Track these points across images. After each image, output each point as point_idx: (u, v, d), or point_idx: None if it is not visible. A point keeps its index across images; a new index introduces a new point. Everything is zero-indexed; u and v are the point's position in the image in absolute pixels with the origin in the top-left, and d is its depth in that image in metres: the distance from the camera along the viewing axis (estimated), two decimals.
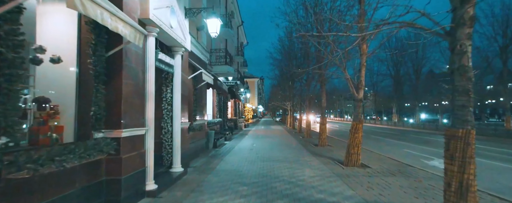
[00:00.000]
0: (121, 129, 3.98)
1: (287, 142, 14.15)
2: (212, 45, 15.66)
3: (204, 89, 11.11)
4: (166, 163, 6.47)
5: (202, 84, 9.66)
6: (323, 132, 12.36)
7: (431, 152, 11.65)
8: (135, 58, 4.57)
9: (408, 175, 6.73)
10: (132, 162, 4.29)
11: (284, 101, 31.62)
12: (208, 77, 8.74)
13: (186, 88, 7.52)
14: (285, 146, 12.41)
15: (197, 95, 9.60)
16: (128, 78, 4.26)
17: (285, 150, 11.19)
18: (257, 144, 13.20)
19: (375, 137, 19.72)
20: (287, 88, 27.13)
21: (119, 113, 4.00)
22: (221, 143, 13.02)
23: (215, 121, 14.17)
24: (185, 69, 7.47)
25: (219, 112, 16.85)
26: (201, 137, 10.03)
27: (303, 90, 19.14)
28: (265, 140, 15.15)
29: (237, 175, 6.61)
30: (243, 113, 36.22)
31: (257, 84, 69.11)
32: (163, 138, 6.45)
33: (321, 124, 12.45)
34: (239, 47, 27.52)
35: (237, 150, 11.08)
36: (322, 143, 12.28)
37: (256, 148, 11.85)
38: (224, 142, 13.73)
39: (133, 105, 4.42)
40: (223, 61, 15.11)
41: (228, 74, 15.64)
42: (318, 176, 6.52)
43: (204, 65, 10.92)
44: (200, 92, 10.20)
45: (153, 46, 5.12)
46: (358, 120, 7.78)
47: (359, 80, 7.82)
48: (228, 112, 21.62)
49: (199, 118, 10.02)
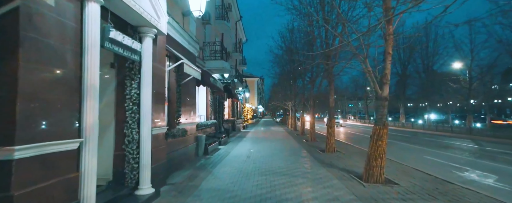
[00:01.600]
0: (13, 146, 2.32)
1: (289, 147, 12.49)
2: (206, 38, 14.01)
3: (193, 86, 9.45)
4: (129, 182, 4.79)
5: (188, 79, 8.00)
6: (331, 136, 10.70)
7: (459, 161, 9.97)
8: (57, 30, 2.91)
9: (454, 197, 5.06)
10: (42, 198, 2.63)
11: (285, 100, 29.94)
12: (193, 69, 7.08)
13: (162, 83, 5.86)
14: (288, 153, 10.74)
15: (182, 93, 7.94)
16: (37, 60, 2.61)
17: (288, 157, 9.53)
18: (255, 150, 11.54)
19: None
20: (288, 87, 25.46)
21: (11, 118, 2.34)
22: (214, 148, 11.37)
23: (208, 123, 12.51)
24: (161, 59, 5.81)
25: (214, 113, 15.20)
26: (187, 143, 8.37)
27: (307, 89, 17.47)
28: (264, 144, 13.49)
29: (227, 198, 4.95)
30: (242, 114, 34.56)
31: (257, 83, 67.49)
32: (126, 149, 4.77)
33: (329, 127, 10.79)
34: (237, 44, 25.87)
35: (232, 158, 9.42)
36: (330, 149, 10.62)
37: (254, 155, 10.19)
38: (218, 147, 12.08)
39: (50, 104, 2.77)
40: (218, 56, 13.45)
41: (223, 70, 13.99)
42: (336, 200, 4.86)
43: (192, 58, 9.25)
44: (186, 89, 8.54)
45: (97, 17, 3.46)
46: (382, 123, 6.11)
47: (383, 73, 6.16)
48: (225, 112, 19.97)
49: (185, 120, 8.37)
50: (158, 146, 5.52)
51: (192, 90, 9.34)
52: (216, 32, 16.61)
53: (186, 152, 8.28)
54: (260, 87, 73.46)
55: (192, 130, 9.14)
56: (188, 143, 8.54)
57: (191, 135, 8.90)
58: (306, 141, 15.04)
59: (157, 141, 5.43)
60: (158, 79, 5.60)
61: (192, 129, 9.15)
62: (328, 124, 10.80)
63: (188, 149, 8.44)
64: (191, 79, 8.81)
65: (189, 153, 8.61)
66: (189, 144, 8.65)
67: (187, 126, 8.42)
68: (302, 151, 11.24)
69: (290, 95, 25.39)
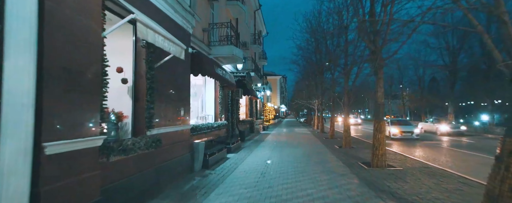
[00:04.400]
0: None
1: (319, 157, 9.48)
2: (213, 18, 11.35)
3: (183, 74, 6.77)
4: None
5: (168, 60, 5.28)
6: (380, 146, 7.57)
7: None
8: None
9: None
10: None
11: (310, 99, 26.73)
12: (166, 40, 4.33)
13: (85, 53, 3.18)
14: (320, 167, 7.77)
15: (160, 82, 5.27)
16: None
17: (321, 176, 6.58)
18: (274, 161, 8.68)
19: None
20: (314, 83, 22.30)
21: None
22: (220, 158, 8.66)
23: (214, 125, 9.83)
24: (88, 9, 3.14)
25: (225, 112, 12.55)
26: (169, 156, 5.67)
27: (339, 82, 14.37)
28: (286, 152, 10.58)
29: None
30: (263, 113, 31.74)
31: (280, 82, 64.40)
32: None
33: (378, 132, 7.68)
34: (256, 35, 23.11)
35: (239, 176, 6.64)
36: (378, 162, 7.52)
37: (271, 170, 7.35)
38: (225, 156, 9.35)
39: None
40: (226, 40, 10.72)
41: (234, 59, 11.24)
42: None
43: (182, 35, 6.55)
44: (170, 77, 5.87)
45: None
46: None
47: None
48: (241, 112, 17.26)
49: (169, 122, 5.71)
50: (68, 176, 2.83)
51: (182, 80, 6.65)
52: (228, 15, 13.92)
53: (169, 169, 5.60)
54: (282, 85, 70.28)
55: (183, 136, 6.46)
56: (173, 155, 5.85)
57: (179, 144, 6.21)
58: (339, 148, 11.94)
59: (63, 166, 2.75)
60: (72, 40, 2.92)
61: (183, 135, 6.47)
62: (377, 128, 7.68)
63: (172, 165, 5.75)
64: (179, 64, 6.13)
65: (175, 169, 5.92)
66: (175, 156, 5.96)
67: (171, 131, 5.74)
68: (338, 163, 8.21)
69: (316, 92, 22.21)
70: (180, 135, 6.29)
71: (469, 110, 38.38)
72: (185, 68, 6.76)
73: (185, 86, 6.86)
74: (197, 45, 9.05)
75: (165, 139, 5.38)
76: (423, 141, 15.47)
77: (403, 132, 16.02)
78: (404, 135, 15.98)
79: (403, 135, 15.99)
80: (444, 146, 13.73)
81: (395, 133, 16.09)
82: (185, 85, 6.86)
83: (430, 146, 13.43)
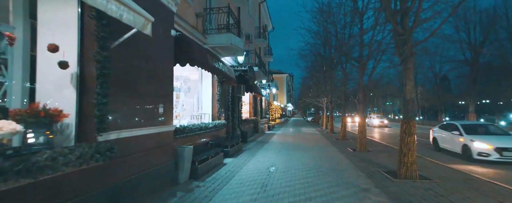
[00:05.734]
0: None
1: (332, 163, 8.03)
2: (210, 3, 9.97)
3: (164, 62, 5.40)
4: None
5: (130, 35, 3.90)
6: (410, 152, 6.09)
7: None
8: None
9: None
10: None
11: (319, 96, 25.15)
12: (124, 8, 2.98)
13: None
14: (334, 177, 6.33)
15: (122, 67, 3.92)
16: None
17: (339, 191, 5.14)
18: (279, 167, 7.28)
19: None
20: (323, 79, 20.76)
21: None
22: (216, 164, 7.31)
23: (208, 125, 8.47)
24: None
25: (225, 111, 11.21)
26: (139, 167, 4.32)
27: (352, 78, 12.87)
28: (293, 157, 9.16)
29: None
30: (269, 112, 30.30)
31: (286, 80, 62.71)
32: None
33: (405, 133, 6.19)
34: (261, 28, 21.67)
35: (235, 189, 5.26)
36: (407, 172, 6.05)
37: (274, 180, 5.94)
38: (222, 162, 8.00)
39: None
40: (226, 28, 9.32)
41: (233, 49, 9.82)
42: None
43: (160, 12, 5.18)
44: (139, 61, 4.51)
45: None
46: None
47: None
48: (244, 110, 15.89)
49: (135, 123, 4.37)
50: None
51: (162, 70, 5.29)
52: (230, 4, 12.51)
53: (139, 186, 4.24)
54: (289, 84, 68.59)
55: (162, 141, 5.11)
56: (145, 166, 4.49)
57: (156, 151, 4.86)
58: (353, 151, 10.46)
59: None
60: None
61: (162, 139, 5.13)
62: (405, 130, 6.19)
63: (144, 179, 4.40)
64: (156, 48, 4.80)
65: (149, 184, 4.56)
66: (150, 167, 4.61)
67: (141, 134, 4.39)
68: (357, 171, 6.74)
69: (324, 89, 20.67)
70: (158, 139, 4.94)
71: (489, 108, 36.06)
72: (166, 55, 5.40)
73: (166, 77, 5.50)
74: (189, 32, 7.70)
75: (132, 145, 4.04)
76: None
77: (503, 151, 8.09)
78: (505, 157, 8.03)
79: (504, 157, 8.07)
80: None
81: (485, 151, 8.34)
82: (166, 76, 5.50)
83: None
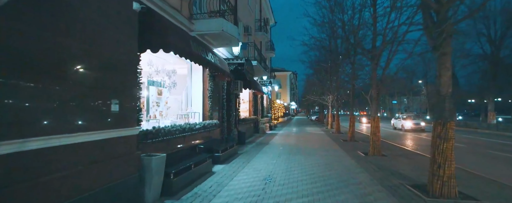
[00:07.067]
0: None
1: (343, 172, 6.63)
2: None
3: (118, 42, 4.04)
4: None
5: None
6: (447, 162, 4.68)
7: None
8: None
9: None
10: None
11: (323, 94, 23.71)
12: None
13: None
14: (347, 194, 4.95)
15: (25, 41, 2.58)
16: None
17: None
18: (278, 177, 5.91)
19: None
20: (328, 75, 19.31)
21: None
22: (200, 175, 5.96)
23: (194, 126, 7.12)
24: None
25: (219, 109, 9.89)
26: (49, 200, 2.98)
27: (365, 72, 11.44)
28: (296, 162, 7.78)
29: None
30: (271, 111, 28.89)
31: (290, 78, 61.16)
32: None
33: (439, 138, 4.78)
34: (262, 21, 20.26)
35: None
36: (444, 189, 4.65)
37: (271, 197, 4.58)
38: (210, 170, 6.65)
39: None
40: (218, 14, 7.94)
41: (226, 38, 8.42)
42: None
43: None
44: (69, 34, 3.16)
45: None
46: None
47: None
48: (242, 109, 14.53)
49: (60, 126, 3.03)
50: None
51: (118, 51, 3.93)
52: None
53: None
54: (293, 82, 67.04)
55: (117, 149, 3.77)
56: (87, 185, 3.15)
57: (106, 164, 3.52)
58: (365, 155, 9.07)
59: None
60: None
61: (118, 147, 3.78)
62: (440, 134, 4.76)
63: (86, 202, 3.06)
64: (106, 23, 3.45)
65: None
66: (99, 186, 3.27)
67: (75, 141, 3.05)
68: (375, 185, 5.34)
69: (330, 86, 19.22)
70: (110, 147, 3.60)
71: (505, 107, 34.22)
72: (123, 35, 4.05)
73: (125, 64, 4.14)
74: (169, 14, 6.34)
75: (58, 159, 2.71)
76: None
77: None
78: None
79: None
80: None
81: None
82: (125, 63, 4.14)
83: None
